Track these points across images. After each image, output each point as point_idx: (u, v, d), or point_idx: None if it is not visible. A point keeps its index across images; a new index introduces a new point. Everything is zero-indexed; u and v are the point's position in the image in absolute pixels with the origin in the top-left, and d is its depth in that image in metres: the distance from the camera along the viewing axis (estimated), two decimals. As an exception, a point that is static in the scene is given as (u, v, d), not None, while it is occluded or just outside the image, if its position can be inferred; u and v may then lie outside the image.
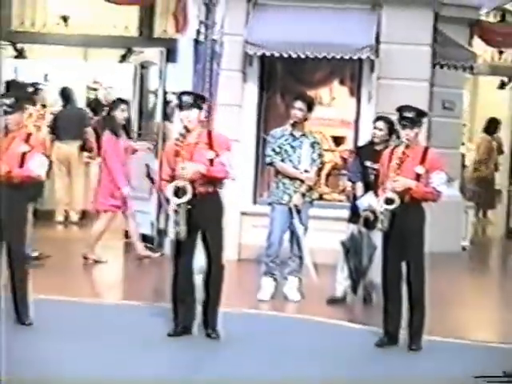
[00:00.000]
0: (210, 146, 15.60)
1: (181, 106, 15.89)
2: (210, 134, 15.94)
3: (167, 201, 15.62)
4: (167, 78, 23.63)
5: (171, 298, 15.75)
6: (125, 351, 14.84)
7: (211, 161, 15.46)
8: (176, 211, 15.33)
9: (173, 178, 15.48)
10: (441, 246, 21.67)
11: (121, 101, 23.27)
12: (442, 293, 18.73)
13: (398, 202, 15.33)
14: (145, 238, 23.16)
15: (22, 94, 19.44)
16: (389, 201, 15.41)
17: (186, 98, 15.89)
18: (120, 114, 22.88)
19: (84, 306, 17.88)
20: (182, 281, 15.69)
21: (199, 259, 16.70)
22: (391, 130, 18.54)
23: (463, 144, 26.05)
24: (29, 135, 16.00)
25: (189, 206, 15.22)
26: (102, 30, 24.88)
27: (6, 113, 15.64)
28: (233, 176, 16.22)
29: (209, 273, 15.67)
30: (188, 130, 15.65)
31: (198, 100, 16.05)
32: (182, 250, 15.71)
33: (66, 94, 26.11)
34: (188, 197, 15.18)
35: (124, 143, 22.39)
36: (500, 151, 25.81)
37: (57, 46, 25.45)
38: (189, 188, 15.16)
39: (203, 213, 15.40)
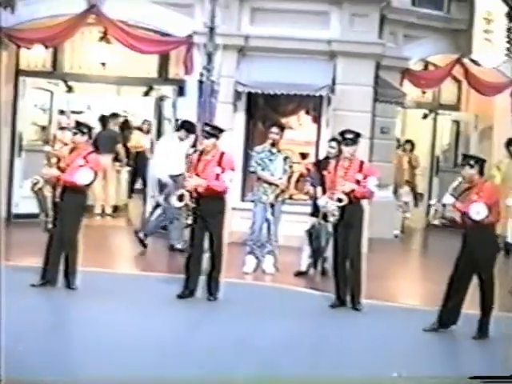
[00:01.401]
0: (220, 163, 15.99)
1: (206, 135, 16.22)
2: (222, 154, 16.20)
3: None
4: (178, 108, 23.58)
5: (184, 270, 16.09)
6: (148, 307, 15.21)
7: (217, 175, 15.88)
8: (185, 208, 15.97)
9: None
10: (378, 234, 21.91)
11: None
12: (379, 268, 18.86)
13: (346, 200, 15.78)
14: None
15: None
16: (339, 200, 15.81)
17: (208, 129, 16.36)
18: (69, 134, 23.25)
19: (117, 276, 18.37)
20: (193, 258, 16.07)
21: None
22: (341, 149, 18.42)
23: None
24: (89, 153, 16.28)
25: (194, 205, 15.74)
26: (130, 73, 24.68)
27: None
28: (228, 189, 16.57)
29: (212, 252, 16.06)
30: (206, 152, 16.11)
31: (216, 131, 16.41)
32: (194, 237, 16.12)
33: (103, 120, 26.13)
34: (184, 202, 15.71)
35: None
36: (412, 165, 25.70)
37: (97, 84, 25.21)
38: (186, 195, 15.66)
39: (207, 210, 15.84)
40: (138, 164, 27.23)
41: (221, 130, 16.68)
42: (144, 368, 11.83)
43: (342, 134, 16.69)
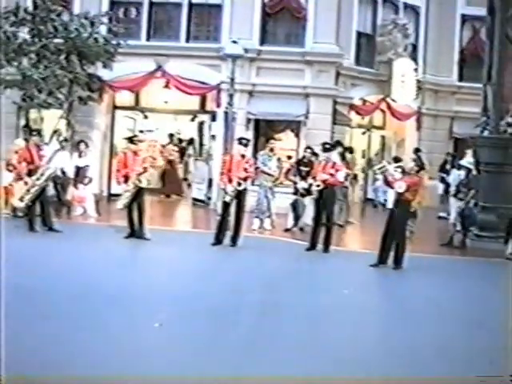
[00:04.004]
0: (247, 161, 16.02)
1: (241, 144, 16.24)
2: (244, 156, 16.12)
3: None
4: (212, 129, 23.58)
5: (217, 228, 15.98)
6: (194, 249, 15.52)
7: (245, 169, 15.89)
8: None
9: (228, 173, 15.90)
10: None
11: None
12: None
13: (322, 185, 15.75)
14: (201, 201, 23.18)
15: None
16: (318, 185, 15.82)
17: (243, 141, 16.32)
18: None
19: (172, 232, 18.30)
20: (223, 221, 15.99)
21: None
22: (313, 153, 18.58)
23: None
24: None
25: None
26: (182, 106, 24.45)
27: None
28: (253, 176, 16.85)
29: (237, 217, 15.91)
30: (243, 156, 16.10)
31: (246, 141, 16.51)
32: (226, 209, 15.96)
33: (170, 136, 26.15)
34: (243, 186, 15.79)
35: None
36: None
37: (162, 114, 24.98)
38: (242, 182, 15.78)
39: (239, 193, 15.86)
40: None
41: (248, 141, 16.93)
42: (190, 284, 11.97)
43: (323, 144, 16.73)
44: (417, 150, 23.16)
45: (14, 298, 9.79)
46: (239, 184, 15.77)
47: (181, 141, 25.39)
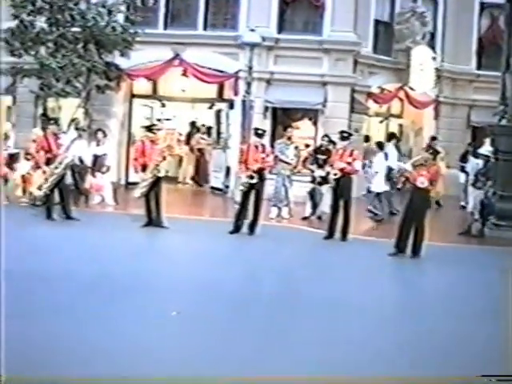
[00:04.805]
0: (263, 151, 15.92)
1: (256, 134, 16.21)
2: (263, 145, 16.19)
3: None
4: (229, 117, 23.48)
5: (235, 216, 15.99)
6: (211, 238, 15.29)
7: (263, 158, 15.77)
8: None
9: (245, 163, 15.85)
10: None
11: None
12: (358, 213, 17.95)
13: (339, 174, 15.71)
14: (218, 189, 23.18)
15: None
16: (335, 173, 15.77)
17: (258, 131, 16.28)
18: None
19: (189, 220, 17.95)
20: (242, 210, 15.93)
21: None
22: (331, 141, 18.52)
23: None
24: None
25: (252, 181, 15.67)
26: (199, 95, 24.33)
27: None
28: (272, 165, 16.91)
29: (256, 206, 15.82)
30: (256, 146, 15.90)
31: (262, 132, 16.41)
32: (245, 197, 15.88)
33: (192, 124, 25.67)
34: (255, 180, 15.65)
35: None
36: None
37: (179, 102, 24.81)
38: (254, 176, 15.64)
39: (256, 182, 15.72)
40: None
41: (264, 131, 16.81)
42: (208, 272, 11.93)
43: (341, 132, 16.62)
44: (433, 138, 23.01)
45: (30, 286, 9.86)
46: (251, 177, 15.71)
47: (209, 129, 25.17)
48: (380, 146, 19.59)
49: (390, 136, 21.98)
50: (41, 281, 10.29)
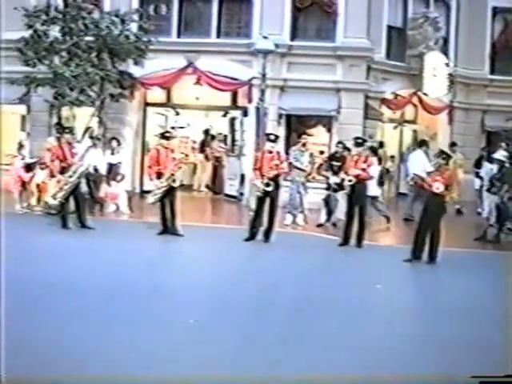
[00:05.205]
0: (278, 158, 15.92)
1: (269, 140, 16.16)
2: (278, 152, 16.22)
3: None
4: (243, 124, 23.43)
5: (250, 223, 15.97)
6: (227, 245, 15.31)
7: (277, 165, 15.76)
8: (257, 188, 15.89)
9: (259, 170, 15.81)
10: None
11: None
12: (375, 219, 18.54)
13: (354, 180, 15.63)
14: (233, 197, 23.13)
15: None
16: (350, 180, 15.71)
17: (271, 137, 16.24)
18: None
19: (204, 228, 18.11)
20: (256, 217, 15.90)
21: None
22: (345, 148, 18.48)
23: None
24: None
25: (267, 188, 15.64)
26: (213, 103, 24.23)
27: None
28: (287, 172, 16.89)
29: (271, 213, 15.82)
30: (271, 151, 15.94)
31: (275, 137, 16.34)
32: (260, 204, 15.88)
33: (206, 132, 25.76)
34: (271, 187, 15.58)
35: None
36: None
37: (193, 110, 24.77)
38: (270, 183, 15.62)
39: (271, 190, 15.64)
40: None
41: (278, 137, 16.77)
42: (224, 279, 11.90)
43: (355, 138, 16.59)
44: (452, 145, 22.94)
45: (44, 294, 9.89)
46: (267, 184, 15.69)
47: (225, 137, 25.20)
48: (374, 151, 19.28)
49: (421, 143, 21.81)
50: (57, 289, 10.29)
